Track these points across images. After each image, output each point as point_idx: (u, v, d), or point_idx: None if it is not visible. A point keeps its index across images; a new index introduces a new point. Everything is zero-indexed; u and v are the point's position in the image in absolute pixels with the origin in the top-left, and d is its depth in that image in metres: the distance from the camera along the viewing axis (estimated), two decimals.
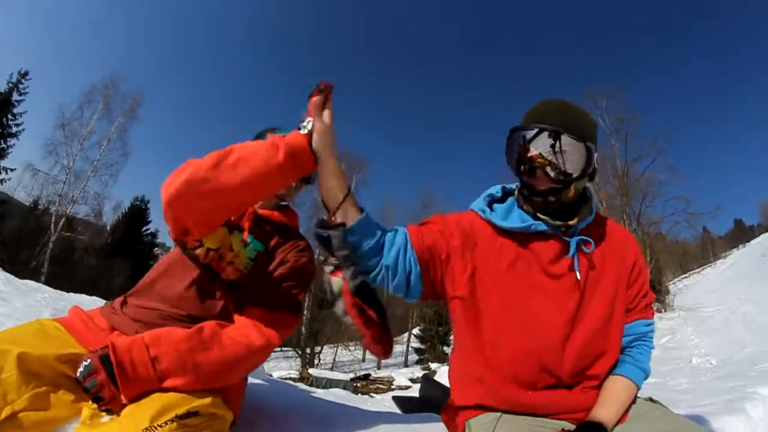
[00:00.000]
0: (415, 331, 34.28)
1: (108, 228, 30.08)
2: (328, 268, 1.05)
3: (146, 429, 0.94)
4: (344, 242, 1.02)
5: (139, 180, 72.37)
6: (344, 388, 14.97)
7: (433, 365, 24.29)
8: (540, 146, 1.09)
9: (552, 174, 1.08)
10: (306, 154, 1.07)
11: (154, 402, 1.02)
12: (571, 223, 1.13)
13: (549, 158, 1.08)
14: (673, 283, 29.09)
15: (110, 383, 1.02)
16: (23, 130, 24.88)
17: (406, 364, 31.23)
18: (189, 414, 1.04)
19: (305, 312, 24.44)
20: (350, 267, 1.01)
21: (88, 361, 1.04)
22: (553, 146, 1.07)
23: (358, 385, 17.80)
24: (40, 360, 1.06)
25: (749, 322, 14.20)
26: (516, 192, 1.23)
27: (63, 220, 22.02)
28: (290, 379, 16.41)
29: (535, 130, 1.09)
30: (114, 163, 23.79)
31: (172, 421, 0.99)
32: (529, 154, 1.10)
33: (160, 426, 0.96)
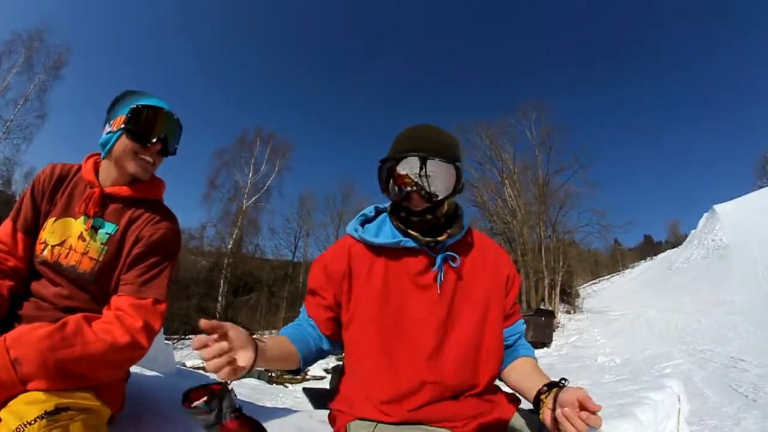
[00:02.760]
0: None
1: (17, 198, 27.28)
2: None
3: (16, 429, 0.91)
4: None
5: (54, 146, 65.19)
6: (259, 378, 14.60)
7: None
8: (407, 168, 1.13)
9: (424, 195, 1.13)
10: None
11: (21, 401, 0.98)
12: (440, 239, 1.18)
13: (416, 180, 1.12)
14: (583, 288, 31.25)
15: None
16: None
17: None
18: (58, 410, 0.99)
19: (220, 298, 23.55)
20: None
21: None
22: (420, 170, 1.12)
23: (273, 375, 17.41)
24: None
25: (652, 327, 15.32)
26: (389, 209, 1.28)
27: None
28: (203, 368, 15.74)
29: (407, 158, 1.13)
30: (29, 125, 21.38)
31: (41, 417, 0.95)
32: (400, 180, 1.14)
33: (29, 424, 0.93)
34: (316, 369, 19.49)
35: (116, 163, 1.30)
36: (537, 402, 1.07)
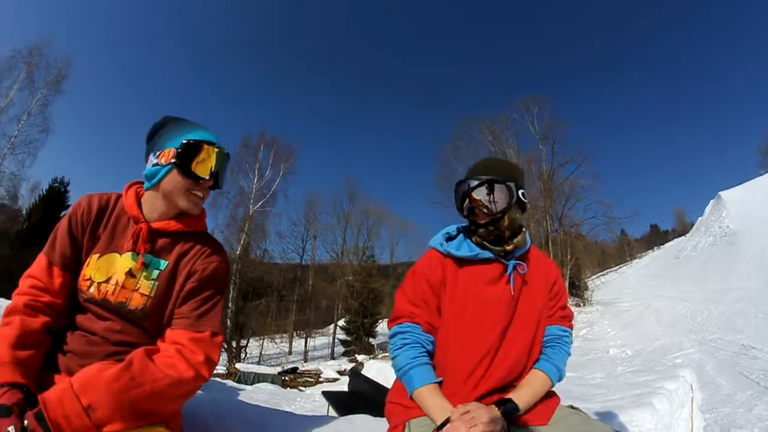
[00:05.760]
0: (341, 322, 34.16)
1: (24, 212, 27.27)
2: None
3: None
4: None
5: (59, 160, 65.75)
6: (272, 382, 14.68)
7: (360, 357, 24.51)
8: (479, 194, 1.41)
9: (486, 211, 1.40)
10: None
11: None
12: (508, 248, 1.41)
13: (485, 202, 1.40)
14: (592, 280, 31.06)
15: None
16: None
17: (332, 357, 31.17)
18: None
19: (230, 304, 23.57)
20: None
21: (26, 421, 0.97)
22: (488, 192, 1.40)
23: (286, 379, 17.50)
24: None
25: (660, 317, 15.26)
26: (466, 228, 1.52)
27: None
28: (218, 375, 15.89)
29: (476, 182, 1.42)
30: (33, 141, 21.55)
31: None
32: (472, 199, 1.42)
33: None
34: (330, 371, 19.57)
35: (165, 197, 1.29)
36: None
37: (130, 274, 1.25)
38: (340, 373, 19.04)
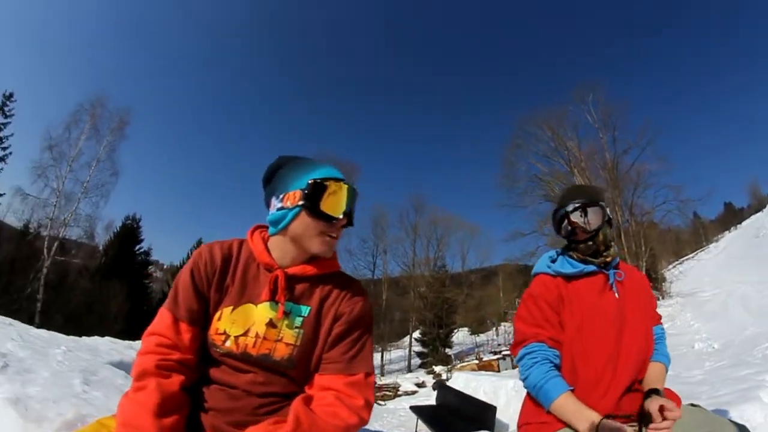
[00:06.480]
0: (416, 334, 34.00)
1: (101, 249, 29.09)
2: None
3: None
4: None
5: (130, 198, 71.74)
6: None
7: (437, 368, 24.48)
8: (576, 216, 1.65)
9: (583, 230, 1.63)
10: None
11: None
12: (607, 259, 1.64)
13: (581, 223, 1.64)
14: (669, 271, 29.27)
15: None
16: (10, 153, 24.35)
17: (409, 369, 31.14)
18: None
19: None
20: None
21: None
22: (582, 214, 1.65)
23: None
24: None
25: (747, 304, 14.34)
26: (563, 251, 1.73)
27: (56, 244, 21.32)
28: None
29: (572, 207, 1.66)
30: (104, 184, 23.75)
31: None
32: (571, 221, 1.66)
33: None
34: (408, 384, 19.66)
35: (294, 241, 1.23)
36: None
37: (271, 324, 1.20)
38: (419, 385, 19.12)
